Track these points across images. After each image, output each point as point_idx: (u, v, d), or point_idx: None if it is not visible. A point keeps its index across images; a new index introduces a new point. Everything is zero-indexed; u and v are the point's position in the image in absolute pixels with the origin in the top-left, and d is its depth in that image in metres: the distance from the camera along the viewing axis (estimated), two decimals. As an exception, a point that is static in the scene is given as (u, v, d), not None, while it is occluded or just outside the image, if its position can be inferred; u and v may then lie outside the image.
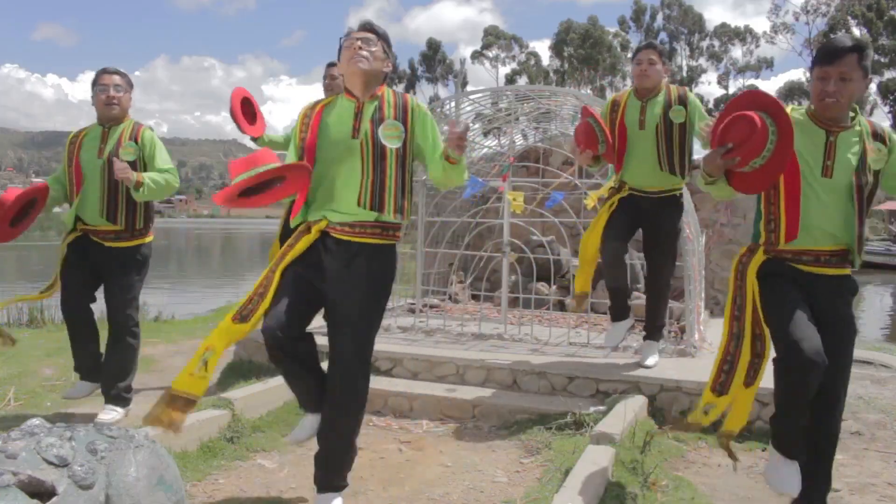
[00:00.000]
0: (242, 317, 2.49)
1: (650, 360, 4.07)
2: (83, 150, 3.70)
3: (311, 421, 2.70)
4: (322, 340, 2.64)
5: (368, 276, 2.51)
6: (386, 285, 2.61)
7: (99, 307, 3.79)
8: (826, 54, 2.37)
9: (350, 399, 2.54)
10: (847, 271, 2.49)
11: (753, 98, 2.41)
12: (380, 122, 2.54)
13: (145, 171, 3.66)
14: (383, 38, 2.62)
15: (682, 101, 3.92)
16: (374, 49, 2.56)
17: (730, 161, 2.33)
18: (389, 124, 2.54)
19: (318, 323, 4.64)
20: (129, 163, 3.59)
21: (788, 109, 2.41)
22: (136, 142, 3.68)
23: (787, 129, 2.31)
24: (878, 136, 2.45)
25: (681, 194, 4.07)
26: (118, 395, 3.74)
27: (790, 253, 2.46)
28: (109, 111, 3.68)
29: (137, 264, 3.74)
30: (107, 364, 3.76)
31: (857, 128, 2.43)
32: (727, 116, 2.39)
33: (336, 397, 2.54)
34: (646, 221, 4.05)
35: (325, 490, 2.59)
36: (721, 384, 2.49)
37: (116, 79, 3.71)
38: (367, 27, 2.61)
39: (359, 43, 2.55)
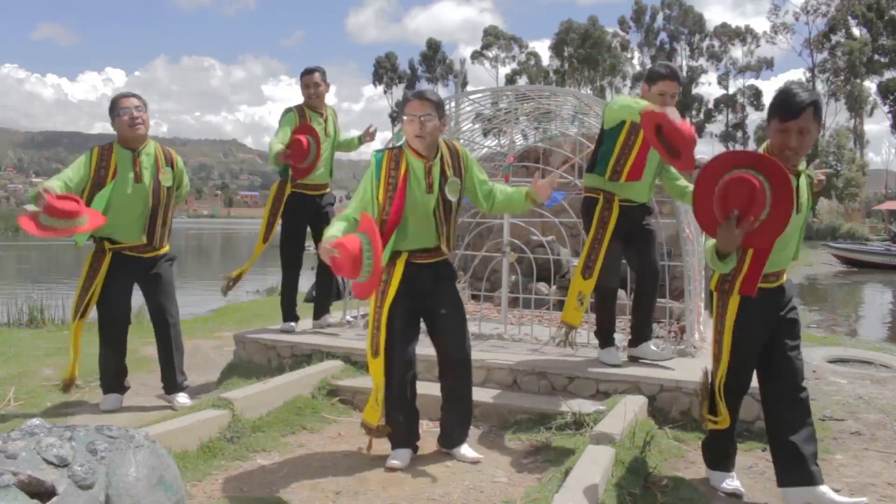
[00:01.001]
0: (375, 351, 3.14)
1: (655, 354, 4.11)
2: (118, 175, 3.81)
3: (404, 454, 3.24)
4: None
5: (450, 281, 3.29)
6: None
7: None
8: (786, 110, 2.52)
9: (468, 371, 3.31)
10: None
11: (725, 162, 2.51)
12: (444, 180, 3.14)
13: (171, 197, 4.06)
14: (438, 105, 3.11)
15: None
16: (431, 124, 3.07)
17: (746, 225, 2.45)
18: (452, 182, 3.16)
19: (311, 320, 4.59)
20: (167, 188, 3.96)
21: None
22: (171, 168, 4.01)
23: (775, 170, 2.44)
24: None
25: None
26: (183, 383, 4.17)
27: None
28: (135, 131, 3.83)
29: (171, 264, 4.11)
30: (169, 358, 4.09)
31: (802, 166, 2.71)
32: (707, 191, 2.50)
33: (458, 373, 3.29)
34: (633, 229, 4.04)
35: (461, 443, 3.34)
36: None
37: (135, 101, 3.87)
38: (422, 97, 3.10)
39: (419, 121, 3.05)
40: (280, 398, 3.84)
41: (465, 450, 3.32)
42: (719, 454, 2.99)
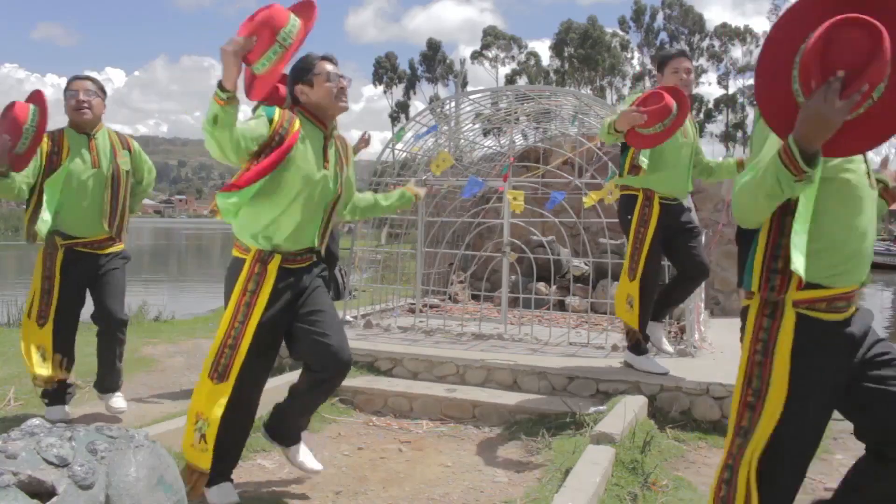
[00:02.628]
0: (220, 375, 2.53)
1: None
2: (72, 159, 3.57)
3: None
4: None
5: (323, 281, 2.79)
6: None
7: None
8: None
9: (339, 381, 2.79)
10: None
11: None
12: (344, 166, 2.77)
13: (135, 175, 3.86)
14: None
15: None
16: (345, 83, 2.67)
17: (854, 96, 1.48)
18: (350, 168, 2.84)
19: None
20: (126, 171, 3.76)
21: None
22: (129, 151, 3.82)
23: None
24: None
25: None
26: (117, 384, 3.87)
27: (824, 302, 1.75)
28: (80, 116, 3.60)
29: (124, 264, 3.85)
30: (108, 360, 3.79)
31: None
32: (786, 48, 1.57)
33: (330, 383, 2.74)
34: (673, 231, 3.88)
35: (298, 441, 2.88)
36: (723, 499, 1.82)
37: (88, 84, 3.67)
38: (336, 62, 2.69)
39: (345, 83, 2.66)
40: (280, 398, 3.83)
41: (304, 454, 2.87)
42: None
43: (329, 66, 2.63)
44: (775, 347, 1.74)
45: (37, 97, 3.48)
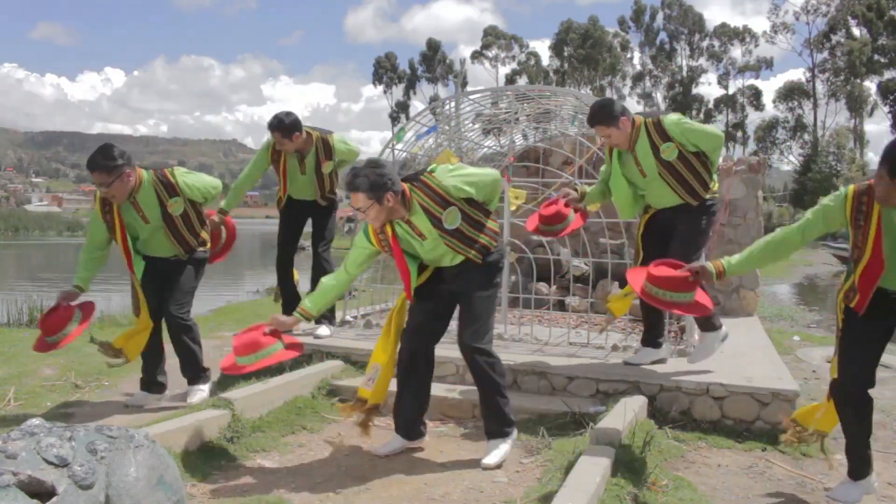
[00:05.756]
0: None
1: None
2: (125, 217, 3.85)
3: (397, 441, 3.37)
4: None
5: (475, 269, 3.19)
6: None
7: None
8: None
9: (482, 371, 3.22)
10: None
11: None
12: (438, 222, 3.06)
13: (193, 206, 3.99)
14: (370, 189, 2.93)
15: (665, 135, 3.71)
16: (372, 214, 2.99)
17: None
18: (445, 215, 3.06)
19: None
20: (180, 215, 3.92)
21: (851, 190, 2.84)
22: (178, 195, 3.91)
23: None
24: None
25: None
26: (192, 377, 4.13)
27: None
28: (116, 202, 3.81)
29: (193, 266, 4.10)
30: (177, 352, 4.08)
31: None
32: None
33: (466, 362, 3.32)
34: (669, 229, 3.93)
35: (493, 437, 3.24)
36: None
37: (102, 176, 3.66)
38: (351, 189, 2.97)
39: (361, 216, 3.05)
40: (280, 398, 3.84)
41: (489, 452, 3.20)
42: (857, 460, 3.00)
43: (352, 202, 3.03)
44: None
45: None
